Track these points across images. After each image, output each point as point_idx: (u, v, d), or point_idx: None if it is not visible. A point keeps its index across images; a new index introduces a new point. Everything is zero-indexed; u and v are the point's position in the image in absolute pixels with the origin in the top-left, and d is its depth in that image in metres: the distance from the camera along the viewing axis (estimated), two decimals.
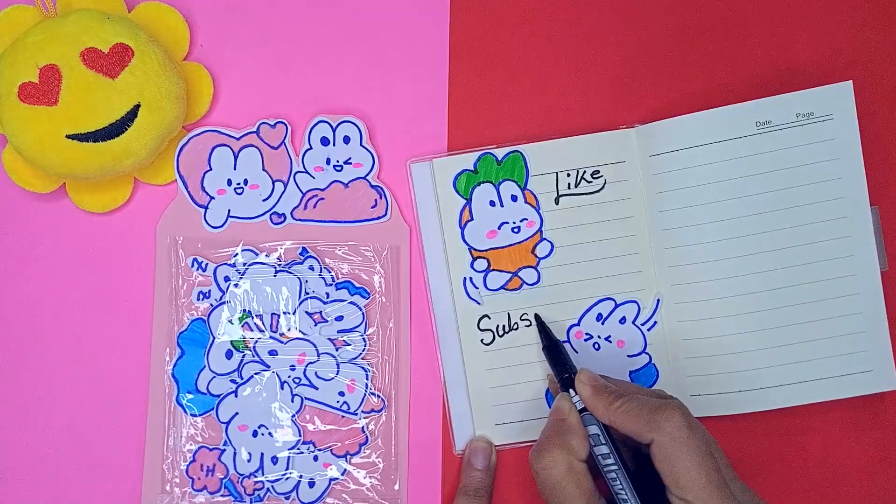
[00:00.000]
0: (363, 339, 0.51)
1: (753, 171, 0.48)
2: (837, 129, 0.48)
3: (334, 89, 0.53)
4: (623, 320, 0.50)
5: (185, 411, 0.51)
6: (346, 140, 0.52)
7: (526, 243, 0.50)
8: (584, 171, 0.50)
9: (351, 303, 0.51)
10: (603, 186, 0.50)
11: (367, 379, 0.51)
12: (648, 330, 0.51)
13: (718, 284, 0.49)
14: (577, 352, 0.50)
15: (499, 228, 0.50)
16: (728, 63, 0.53)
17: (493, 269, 0.50)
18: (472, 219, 0.50)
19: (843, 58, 0.53)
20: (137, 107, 0.48)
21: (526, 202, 0.50)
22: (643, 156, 0.50)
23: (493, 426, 0.50)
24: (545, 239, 0.50)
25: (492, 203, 0.50)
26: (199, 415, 0.51)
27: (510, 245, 0.50)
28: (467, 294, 0.50)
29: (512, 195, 0.50)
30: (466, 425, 0.51)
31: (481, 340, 0.50)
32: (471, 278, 0.50)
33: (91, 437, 0.51)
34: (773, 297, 0.49)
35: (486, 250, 0.50)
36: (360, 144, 0.52)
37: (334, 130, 0.52)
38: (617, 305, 0.50)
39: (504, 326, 0.50)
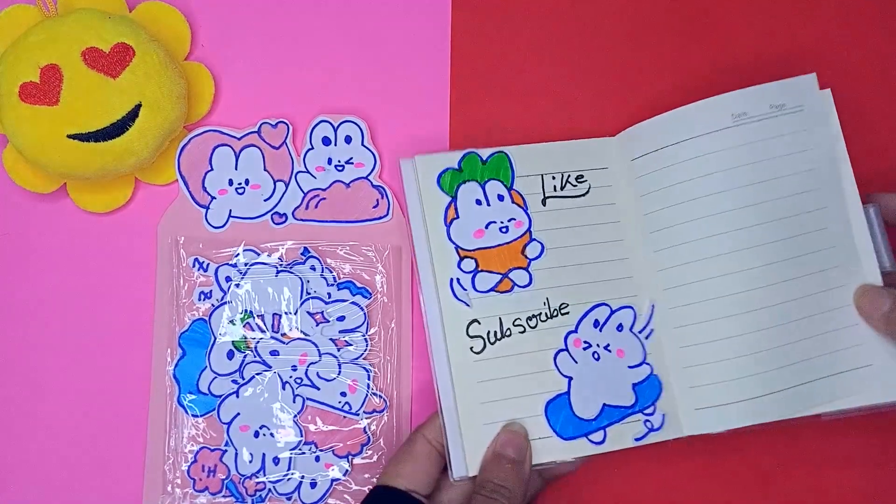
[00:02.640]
0: (365, 339, 0.51)
1: (734, 164, 0.47)
2: (809, 121, 0.47)
3: (336, 89, 0.53)
4: (620, 327, 0.48)
5: (187, 412, 0.51)
6: (348, 140, 0.52)
7: (515, 244, 0.48)
8: (569, 175, 0.49)
9: (352, 303, 0.51)
10: (588, 191, 0.49)
11: (368, 379, 0.51)
12: (647, 338, 0.48)
13: (711, 284, 0.47)
14: (576, 362, 0.47)
15: (486, 228, 0.48)
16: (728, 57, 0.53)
17: (482, 270, 0.48)
18: (457, 216, 0.48)
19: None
20: (138, 107, 0.48)
21: (513, 202, 0.48)
22: (624, 160, 0.49)
23: (483, 448, 0.45)
24: (535, 239, 0.48)
25: (478, 202, 0.48)
26: (201, 415, 0.51)
27: (499, 245, 0.48)
28: (455, 295, 0.47)
29: (498, 195, 0.48)
30: (459, 449, 0.45)
31: (471, 348, 0.47)
32: (458, 279, 0.47)
33: (92, 438, 0.51)
34: (767, 295, 0.46)
35: (473, 250, 0.48)
36: (362, 144, 0.52)
37: (336, 130, 0.52)
38: (612, 311, 0.48)
39: (496, 333, 0.47)
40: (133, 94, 0.48)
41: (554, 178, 0.49)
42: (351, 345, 0.51)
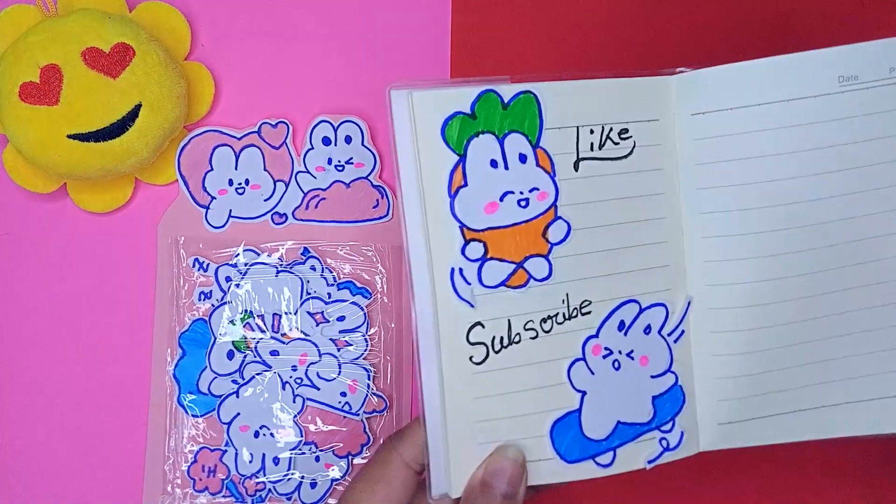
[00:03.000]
0: (365, 339, 0.51)
1: (830, 141, 0.37)
2: None
3: (336, 89, 0.53)
4: (648, 329, 0.39)
5: (187, 412, 0.51)
6: (348, 140, 0.52)
7: (536, 222, 0.37)
8: (611, 129, 0.38)
9: (353, 303, 0.51)
10: (632, 151, 0.38)
11: (368, 379, 0.51)
12: (675, 342, 0.40)
13: (764, 287, 0.39)
14: (593, 373, 0.39)
15: (501, 200, 0.37)
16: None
17: (492, 258, 0.37)
18: (465, 184, 0.37)
19: None
20: (139, 107, 0.48)
21: (538, 165, 0.37)
22: (683, 114, 0.38)
23: (472, 468, 0.38)
24: (560, 217, 0.38)
25: (493, 163, 0.37)
26: (201, 415, 0.51)
27: (515, 224, 0.37)
28: (456, 292, 0.37)
29: (520, 154, 0.37)
30: (443, 466, 0.38)
31: (470, 358, 0.37)
32: (461, 269, 0.37)
33: (92, 438, 0.51)
34: (827, 305, 0.39)
35: (482, 230, 0.37)
36: (362, 144, 0.52)
37: (336, 130, 0.52)
38: (642, 310, 0.39)
39: (503, 339, 0.38)
40: (133, 94, 0.48)
41: (593, 131, 0.38)
42: (351, 345, 0.51)
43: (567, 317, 0.38)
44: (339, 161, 0.52)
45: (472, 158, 0.37)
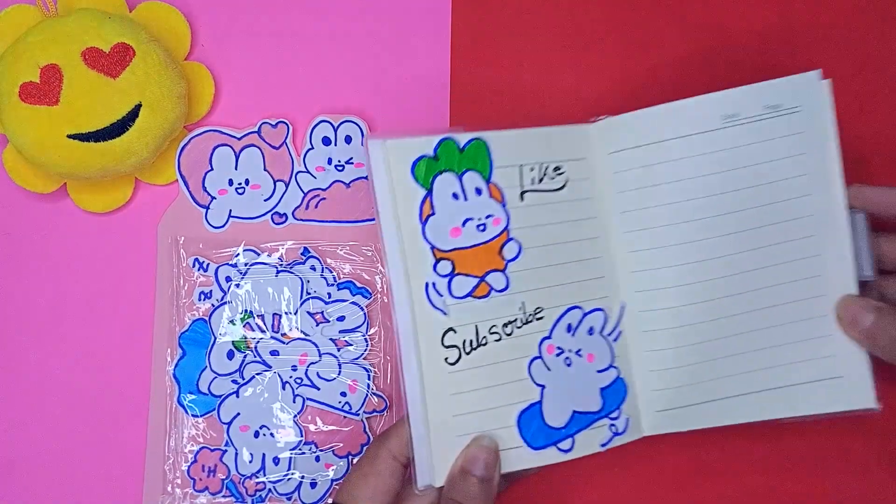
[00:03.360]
0: (365, 339, 0.51)
1: (720, 168, 0.45)
2: (806, 123, 0.44)
3: (336, 89, 0.53)
4: (591, 331, 0.46)
5: (187, 412, 0.51)
6: (348, 140, 0.52)
7: (492, 243, 0.44)
8: (548, 166, 0.45)
9: (353, 303, 0.51)
10: (565, 184, 0.46)
11: (368, 379, 0.51)
12: (615, 341, 0.46)
13: (681, 290, 0.46)
14: (549, 369, 0.45)
15: (463, 225, 0.44)
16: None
17: (459, 274, 0.44)
18: (433, 213, 0.43)
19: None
20: (139, 106, 0.48)
21: (491, 196, 0.44)
22: (604, 153, 0.46)
23: (452, 459, 0.43)
24: (512, 238, 0.45)
25: (455, 195, 0.44)
26: (201, 415, 0.51)
27: (475, 245, 0.44)
28: (430, 303, 0.43)
29: (476, 188, 0.44)
30: (426, 459, 0.43)
31: (445, 359, 0.43)
32: (434, 284, 0.43)
33: (92, 438, 0.51)
34: (741, 303, 0.45)
35: (450, 251, 0.44)
36: (362, 144, 0.52)
37: (336, 130, 0.52)
38: (585, 314, 0.46)
39: (471, 342, 0.44)
40: (133, 94, 0.48)
41: (532, 169, 0.45)
42: (351, 345, 0.51)
43: (524, 321, 0.45)
44: (339, 161, 0.52)
45: (438, 192, 0.44)
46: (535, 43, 0.53)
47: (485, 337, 0.44)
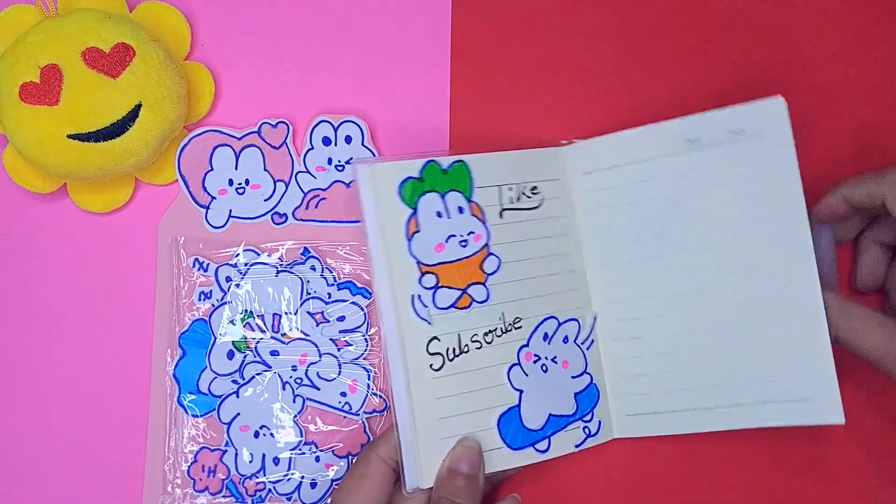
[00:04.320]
0: (365, 339, 0.51)
1: (684, 189, 0.47)
2: (768, 147, 0.46)
3: (336, 89, 0.53)
4: (566, 339, 0.49)
5: (187, 412, 0.51)
6: (348, 140, 0.52)
7: (474, 258, 0.47)
8: (525, 186, 0.49)
9: (353, 303, 0.51)
10: (541, 203, 0.49)
11: (368, 379, 0.51)
12: (588, 349, 0.49)
13: (652, 302, 0.49)
14: (527, 375, 0.48)
15: (446, 241, 0.47)
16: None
17: (443, 286, 0.46)
18: (419, 230, 0.46)
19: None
20: (139, 107, 0.48)
21: (472, 214, 0.47)
22: (577, 174, 0.50)
23: (439, 461, 0.45)
24: (492, 254, 0.48)
25: (439, 214, 0.47)
26: (201, 415, 0.51)
27: (458, 259, 0.47)
28: (416, 313, 0.46)
29: (458, 206, 0.47)
30: (414, 461, 0.45)
31: (430, 366, 0.46)
32: (419, 296, 0.46)
33: (92, 438, 0.51)
34: (708, 316, 0.47)
35: (434, 265, 0.46)
36: (362, 144, 0.52)
37: (336, 130, 0.52)
38: (560, 324, 0.49)
39: (454, 349, 0.46)
40: (133, 94, 0.47)
41: (511, 188, 0.48)
42: (351, 345, 0.51)
43: (504, 330, 0.48)
44: (339, 161, 0.52)
45: (422, 211, 0.46)
46: (536, 42, 0.53)
47: (467, 345, 0.47)
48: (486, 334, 0.47)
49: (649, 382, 0.49)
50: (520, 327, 0.48)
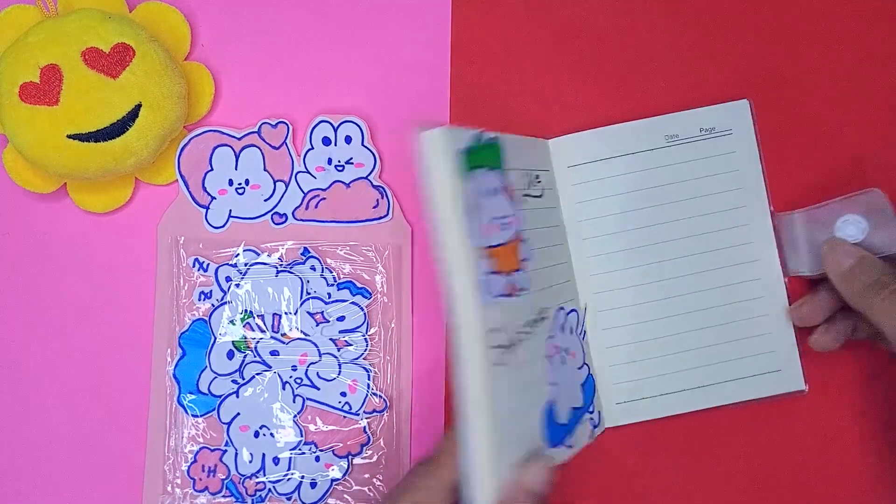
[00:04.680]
0: (365, 339, 0.51)
1: (664, 181, 0.51)
2: (736, 143, 0.51)
3: (336, 89, 0.53)
4: (571, 331, 0.49)
5: (187, 412, 0.51)
6: (348, 140, 0.52)
7: (512, 244, 0.43)
8: (531, 175, 0.48)
9: (352, 303, 0.51)
10: (543, 192, 0.49)
11: (368, 379, 0.51)
12: (583, 339, 0.50)
13: (634, 291, 0.51)
14: (556, 367, 0.45)
15: (496, 222, 0.42)
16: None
17: (496, 272, 0.41)
18: (476, 207, 0.40)
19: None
20: (139, 107, 0.48)
21: (507, 196, 0.43)
22: (562, 166, 0.51)
23: (506, 472, 0.39)
24: (524, 239, 0.44)
25: (490, 192, 0.41)
26: (201, 415, 0.51)
27: (502, 244, 0.42)
28: (481, 300, 0.39)
29: (499, 186, 0.43)
30: (480, 469, 0.38)
31: (493, 359, 0.39)
32: (485, 281, 0.39)
33: (92, 438, 0.51)
34: (686, 302, 0.51)
35: (491, 247, 0.41)
36: (362, 144, 0.52)
37: (336, 130, 0.52)
38: (567, 314, 0.48)
39: (510, 341, 0.41)
40: (133, 94, 0.48)
41: (526, 174, 0.47)
42: (351, 345, 0.51)
43: (538, 321, 0.45)
44: (339, 161, 0.52)
45: (479, 187, 0.41)
46: (536, 41, 0.53)
47: (518, 336, 0.41)
48: (527, 325, 0.43)
49: (636, 370, 0.50)
50: (545, 318, 0.45)
